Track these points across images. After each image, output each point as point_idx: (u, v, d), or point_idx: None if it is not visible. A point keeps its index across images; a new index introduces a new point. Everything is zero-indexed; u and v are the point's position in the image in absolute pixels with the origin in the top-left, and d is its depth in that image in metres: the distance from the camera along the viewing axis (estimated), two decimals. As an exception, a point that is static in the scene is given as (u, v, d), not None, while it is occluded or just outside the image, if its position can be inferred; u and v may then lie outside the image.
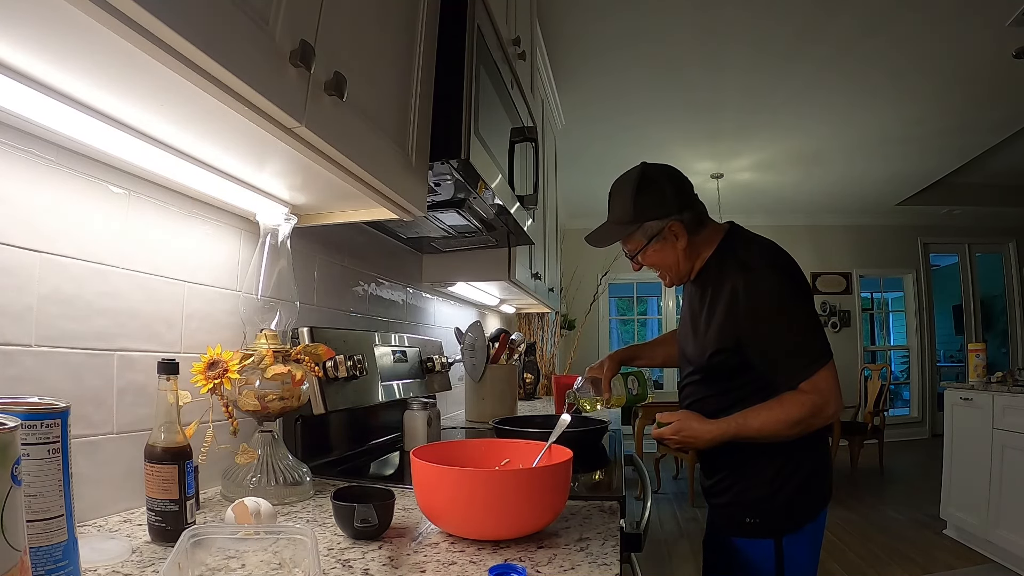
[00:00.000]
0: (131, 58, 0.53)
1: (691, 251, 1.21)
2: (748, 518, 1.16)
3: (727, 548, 1.21)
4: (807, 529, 1.16)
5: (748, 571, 1.17)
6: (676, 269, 1.23)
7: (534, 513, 0.74)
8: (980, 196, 5.81)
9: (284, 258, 0.98)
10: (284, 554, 0.63)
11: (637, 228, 1.19)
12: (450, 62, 1.12)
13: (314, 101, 0.72)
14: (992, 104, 3.66)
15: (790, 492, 1.13)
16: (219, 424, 0.91)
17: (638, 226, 1.19)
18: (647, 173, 1.20)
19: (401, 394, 1.49)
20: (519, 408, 2.32)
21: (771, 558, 1.14)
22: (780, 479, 1.13)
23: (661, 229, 1.18)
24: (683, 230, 1.18)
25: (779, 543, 1.14)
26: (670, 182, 1.20)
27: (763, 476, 1.14)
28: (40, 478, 0.50)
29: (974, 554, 3.02)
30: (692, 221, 1.20)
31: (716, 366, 1.17)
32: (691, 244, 1.20)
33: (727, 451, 1.16)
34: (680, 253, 1.20)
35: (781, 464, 1.14)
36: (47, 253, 0.73)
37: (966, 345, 3.64)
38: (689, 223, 1.19)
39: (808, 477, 1.15)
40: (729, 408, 1.14)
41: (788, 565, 1.14)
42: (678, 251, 1.20)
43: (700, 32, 2.90)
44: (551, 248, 2.88)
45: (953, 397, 3.29)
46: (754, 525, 1.15)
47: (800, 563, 1.15)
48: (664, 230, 1.18)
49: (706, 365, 1.18)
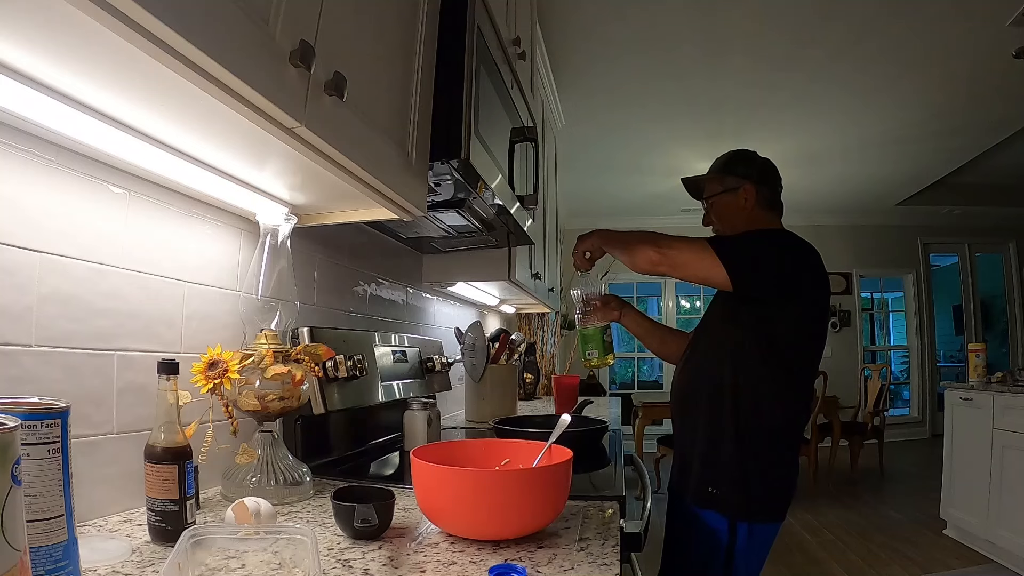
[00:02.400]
0: (131, 58, 0.53)
1: (755, 225, 1.35)
2: (711, 488, 1.23)
3: (686, 516, 1.29)
4: (758, 529, 1.20)
5: (703, 543, 1.24)
6: (734, 230, 1.37)
7: (534, 513, 0.74)
8: (980, 196, 5.80)
9: (284, 258, 0.98)
10: (284, 554, 0.63)
11: (722, 177, 1.40)
12: (450, 62, 1.12)
13: (314, 101, 0.72)
14: (992, 104, 3.66)
15: (755, 482, 1.21)
16: (219, 424, 0.91)
17: (723, 176, 1.40)
18: (750, 151, 1.44)
19: (401, 394, 1.49)
20: (519, 408, 2.32)
21: (724, 537, 1.21)
22: (751, 465, 1.21)
23: (738, 186, 1.37)
24: (754, 196, 1.36)
25: (733, 526, 1.20)
26: (762, 162, 1.41)
27: (736, 458, 1.21)
28: (40, 478, 0.50)
29: (974, 554, 3.02)
30: (765, 196, 1.37)
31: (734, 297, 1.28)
32: (756, 215, 1.36)
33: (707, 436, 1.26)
34: (743, 215, 1.36)
35: (755, 454, 1.21)
36: (47, 253, 0.73)
37: (966, 345, 3.64)
38: (761, 196, 1.37)
39: (775, 480, 1.23)
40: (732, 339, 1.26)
41: (737, 554, 1.19)
42: (742, 212, 1.37)
43: (701, 32, 2.90)
44: (551, 248, 2.88)
45: (953, 397, 3.29)
46: (714, 497, 1.23)
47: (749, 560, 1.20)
48: (740, 188, 1.37)
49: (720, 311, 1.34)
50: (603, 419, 1.57)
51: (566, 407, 2.32)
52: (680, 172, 1.37)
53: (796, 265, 1.23)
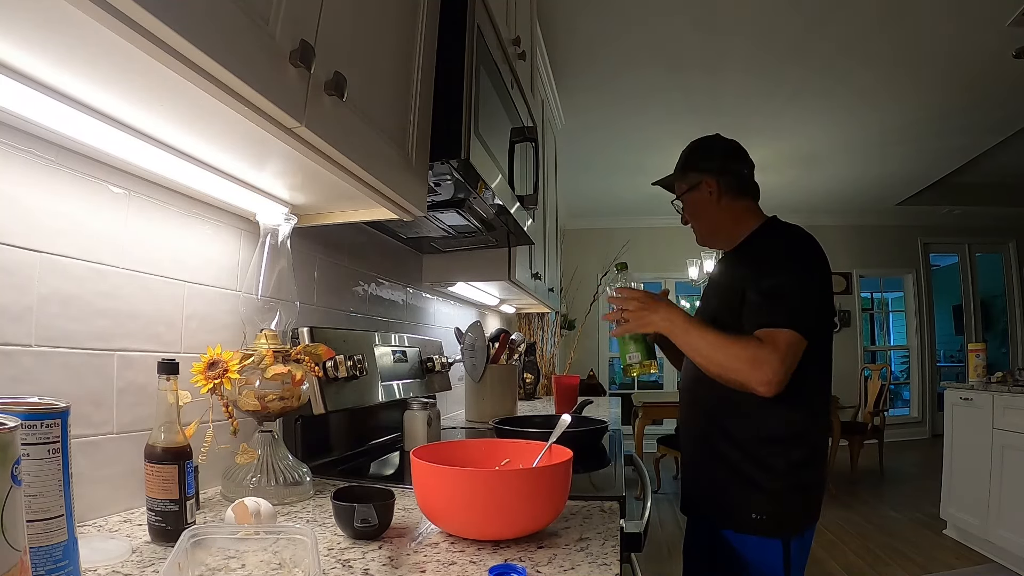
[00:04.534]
0: (131, 58, 0.53)
1: (727, 216, 1.31)
2: (755, 514, 1.16)
3: (726, 543, 1.20)
4: (808, 534, 1.17)
5: (756, 570, 1.16)
6: (707, 225, 1.34)
7: (534, 513, 0.74)
8: (980, 196, 5.81)
9: (284, 258, 0.98)
10: (284, 554, 0.63)
11: (684, 175, 1.36)
12: (450, 62, 1.12)
13: (314, 101, 0.72)
14: (992, 104, 3.66)
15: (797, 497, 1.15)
16: (219, 424, 0.91)
17: (684, 173, 1.36)
18: (710, 138, 1.38)
19: (401, 394, 1.49)
20: (519, 408, 2.31)
21: (779, 559, 1.14)
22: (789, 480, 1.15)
23: (698, 182, 1.32)
24: (717, 188, 1.30)
25: (787, 544, 1.14)
26: (722, 149, 1.35)
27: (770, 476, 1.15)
28: (40, 478, 0.50)
29: (974, 554, 3.02)
30: (731, 184, 1.30)
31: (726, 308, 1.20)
32: (728, 208, 1.30)
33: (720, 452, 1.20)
34: (712, 209, 1.31)
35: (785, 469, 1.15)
36: (47, 253, 0.73)
37: (966, 345, 3.64)
38: (726, 186, 1.30)
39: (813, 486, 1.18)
40: None
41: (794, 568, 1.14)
42: (711, 206, 1.31)
43: (701, 32, 2.90)
44: (551, 248, 2.88)
45: (953, 397, 3.29)
46: (761, 522, 1.15)
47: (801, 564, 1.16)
48: (700, 183, 1.32)
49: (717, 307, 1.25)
50: (603, 419, 1.56)
51: (566, 407, 2.32)
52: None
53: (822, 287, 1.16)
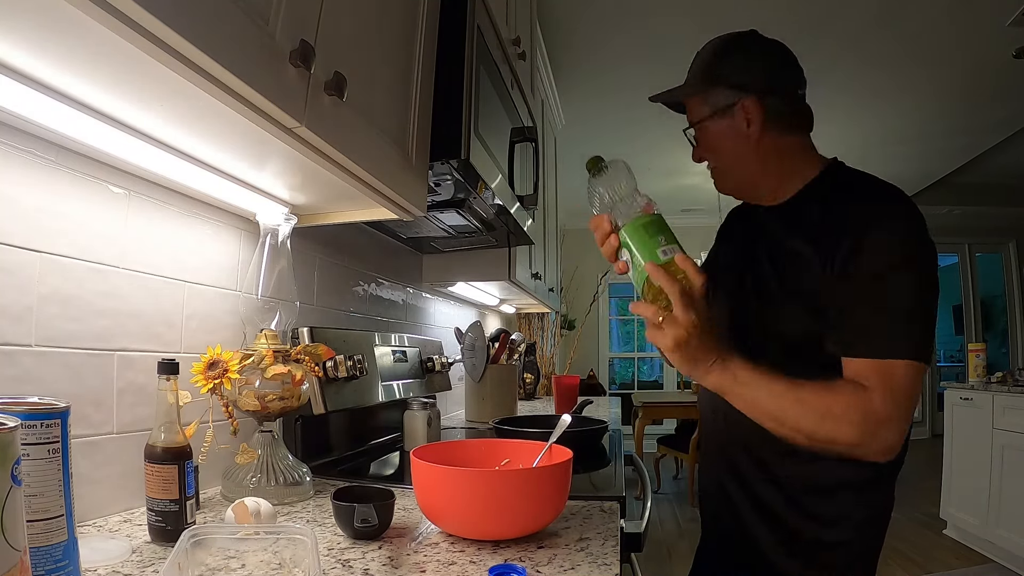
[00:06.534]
0: (131, 58, 0.53)
1: (768, 155, 0.90)
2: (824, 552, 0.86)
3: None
4: None
5: None
6: (741, 169, 0.93)
7: (534, 513, 0.74)
8: (980, 196, 5.80)
9: (284, 258, 0.98)
10: (284, 554, 0.63)
11: (707, 92, 0.94)
12: (450, 62, 1.12)
13: (314, 101, 0.72)
14: (992, 104, 3.66)
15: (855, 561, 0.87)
16: (219, 424, 0.91)
17: (708, 89, 0.93)
18: (746, 36, 0.95)
19: (401, 394, 1.49)
20: (519, 408, 2.32)
21: None
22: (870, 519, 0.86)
23: (731, 104, 0.90)
24: (759, 114, 0.88)
25: None
26: (766, 54, 0.93)
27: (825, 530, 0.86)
28: (40, 478, 0.50)
29: (974, 554, 3.02)
30: (778, 112, 0.89)
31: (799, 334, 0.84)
32: (770, 144, 0.90)
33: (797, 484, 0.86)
34: (748, 145, 0.90)
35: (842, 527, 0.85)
36: (47, 253, 0.73)
37: (966, 345, 3.64)
38: (773, 111, 0.89)
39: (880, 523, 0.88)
40: None
41: None
42: (747, 141, 0.90)
43: (702, 32, 2.88)
44: (551, 248, 2.88)
45: (953, 397, 3.30)
46: (830, 561, 0.86)
47: None
48: (734, 106, 0.90)
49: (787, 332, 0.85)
50: (603, 419, 1.56)
51: (566, 407, 2.32)
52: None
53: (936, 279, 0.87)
